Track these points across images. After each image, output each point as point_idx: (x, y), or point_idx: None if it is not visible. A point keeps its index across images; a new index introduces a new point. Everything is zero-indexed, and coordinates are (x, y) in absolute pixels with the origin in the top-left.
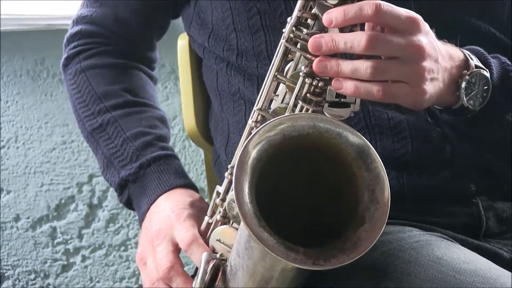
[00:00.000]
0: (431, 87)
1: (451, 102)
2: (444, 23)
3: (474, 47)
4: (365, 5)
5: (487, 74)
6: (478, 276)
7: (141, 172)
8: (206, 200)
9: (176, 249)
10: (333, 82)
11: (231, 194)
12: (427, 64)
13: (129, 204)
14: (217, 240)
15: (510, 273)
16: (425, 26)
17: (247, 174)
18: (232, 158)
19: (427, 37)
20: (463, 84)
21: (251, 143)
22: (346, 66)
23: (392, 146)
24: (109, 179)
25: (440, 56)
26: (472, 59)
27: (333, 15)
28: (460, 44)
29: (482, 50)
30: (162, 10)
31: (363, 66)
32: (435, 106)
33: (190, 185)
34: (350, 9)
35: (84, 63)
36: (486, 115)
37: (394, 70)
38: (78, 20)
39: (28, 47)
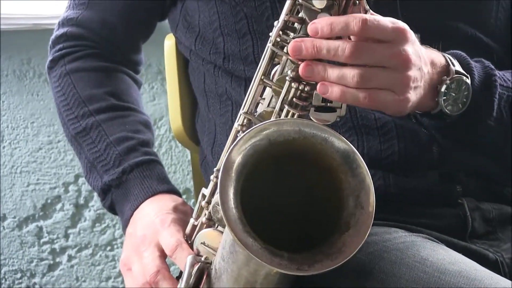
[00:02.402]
0: (414, 95)
1: (430, 106)
2: (430, 28)
3: (457, 51)
4: (351, 21)
5: (468, 80)
6: (463, 277)
7: (123, 178)
8: (192, 200)
9: (162, 254)
10: (318, 86)
11: (216, 197)
12: (412, 73)
13: (112, 209)
14: (201, 243)
15: (495, 274)
16: (411, 35)
17: (232, 179)
18: (219, 158)
19: (413, 47)
20: (442, 89)
21: (236, 149)
22: (333, 72)
23: (378, 147)
24: (92, 183)
25: (424, 64)
26: (453, 64)
27: (318, 26)
28: (447, 49)
29: (465, 55)
30: (149, 13)
31: (350, 74)
32: (416, 111)
33: (172, 191)
34: (337, 24)
35: (69, 66)
36: (467, 120)
37: (380, 78)
38: (64, 22)
39: (14, 46)
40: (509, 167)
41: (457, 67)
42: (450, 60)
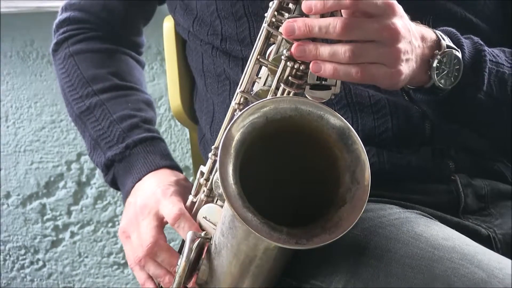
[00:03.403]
0: (406, 68)
1: (423, 81)
2: (420, 7)
3: (447, 28)
4: None
5: (459, 54)
6: (456, 253)
7: (127, 152)
8: (191, 178)
9: (161, 224)
10: (311, 64)
11: (216, 174)
12: (401, 45)
13: (114, 183)
14: (203, 217)
15: (487, 249)
16: (399, 9)
17: (231, 156)
18: (217, 136)
19: (401, 20)
20: (435, 64)
21: (234, 126)
22: (325, 50)
23: (372, 124)
24: (96, 160)
25: (413, 38)
26: (444, 39)
27: (312, 3)
28: (435, 27)
29: (455, 31)
30: None
31: (342, 50)
32: (408, 86)
33: (175, 166)
34: None
35: (73, 48)
36: (458, 93)
37: (371, 52)
38: (67, 7)
39: (18, 28)
40: (500, 143)
41: (448, 42)
42: (441, 36)
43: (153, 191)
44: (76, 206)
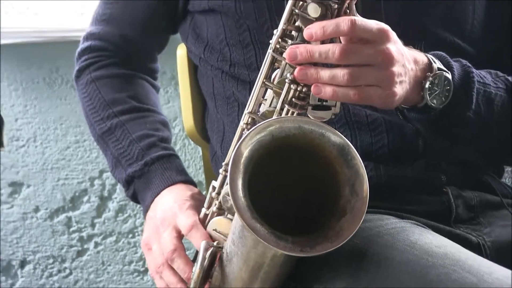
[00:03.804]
0: (400, 89)
1: (416, 101)
2: (413, 34)
3: (438, 52)
4: (341, 22)
5: (449, 75)
6: (448, 259)
7: (145, 169)
8: (204, 192)
9: (179, 235)
10: (312, 87)
11: (226, 188)
12: (395, 69)
13: (134, 197)
14: (213, 229)
15: (477, 256)
16: (393, 35)
17: (240, 171)
18: (227, 154)
19: (395, 45)
20: (427, 85)
21: (243, 144)
22: (325, 73)
23: (369, 140)
24: (117, 176)
25: (407, 61)
26: (435, 62)
27: (313, 31)
28: (427, 52)
29: (445, 54)
30: (162, 27)
31: (340, 73)
32: (403, 106)
33: (189, 181)
34: (328, 26)
35: (94, 74)
36: (449, 112)
37: (368, 75)
38: (88, 37)
39: (44, 57)
40: (488, 157)
41: (439, 64)
42: (432, 59)
43: (171, 206)
44: (99, 218)
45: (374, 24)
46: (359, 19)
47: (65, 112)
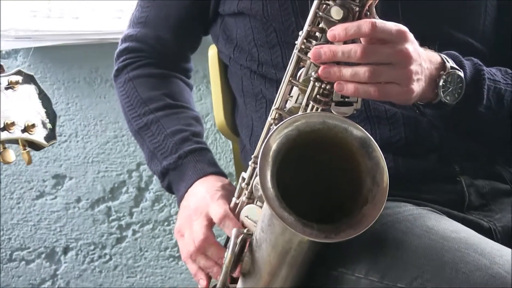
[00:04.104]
0: (417, 87)
1: (431, 98)
2: (429, 34)
3: (451, 51)
4: (363, 24)
5: (461, 73)
6: (462, 243)
7: (179, 162)
8: (234, 183)
9: (210, 224)
10: (335, 85)
11: (254, 179)
12: (413, 67)
13: (169, 188)
14: (245, 216)
15: (489, 240)
16: (410, 36)
17: (269, 164)
18: (255, 148)
19: (412, 45)
20: (441, 83)
21: (271, 138)
22: (347, 71)
23: (388, 134)
24: (153, 168)
25: (423, 61)
26: (448, 61)
27: (336, 32)
28: (440, 51)
29: (457, 54)
30: (195, 29)
31: (362, 71)
32: (419, 102)
33: (220, 173)
34: (351, 27)
35: (131, 74)
36: (462, 107)
37: (387, 73)
38: (126, 39)
39: (84, 58)
40: (499, 148)
41: (451, 63)
42: (445, 58)
43: (203, 196)
44: (137, 208)
45: (393, 25)
46: (379, 21)
47: (104, 109)
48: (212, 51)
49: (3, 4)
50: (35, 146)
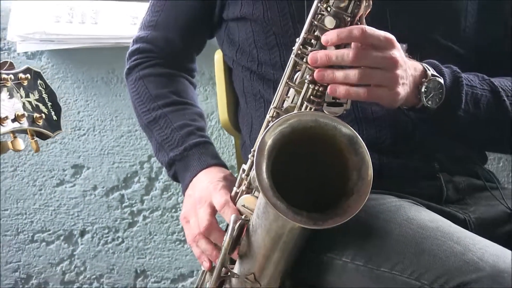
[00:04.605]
0: (402, 90)
1: (415, 103)
2: (415, 41)
3: (431, 60)
4: (353, 29)
5: (441, 80)
6: (440, 232)
7: (185, 153)
8: (236, 174)
9: (213, 211)
10: (328, 88)
11: (253, 171)
12: (400, 72)
13: (175, 177)
14: (242, 205)
15: (464, 229)
16: (397, 44)
17: (264, 157)
18: (255, 143)
19: (399, 52)
20: (423, 89)
21: (267, 134)
22: (339, 73)
23: (375, 134)
24: (161, 159)
25: (408, 67)
26: (429, 69)
27: (329, 37)
28: (426, 57)
29: (437, 63)
30: (201, 32)
31: (353, 73)
32: (403, 107)
33: (222, 164)
34: (342, 32)
35: (142, 72)
36: (442, 111)
37: (376, 76)
38: (137, 40)
39: (102, 60)
40: (475, 148)
41: (432, 71)
42: (427, 67)
43: (206, 185)
44: (147, 196)
45: (381, 32)
46: (369, 28)
47: (120, 106)
48: (218, 56)
49: (30, 10)
50: (42, 135)
